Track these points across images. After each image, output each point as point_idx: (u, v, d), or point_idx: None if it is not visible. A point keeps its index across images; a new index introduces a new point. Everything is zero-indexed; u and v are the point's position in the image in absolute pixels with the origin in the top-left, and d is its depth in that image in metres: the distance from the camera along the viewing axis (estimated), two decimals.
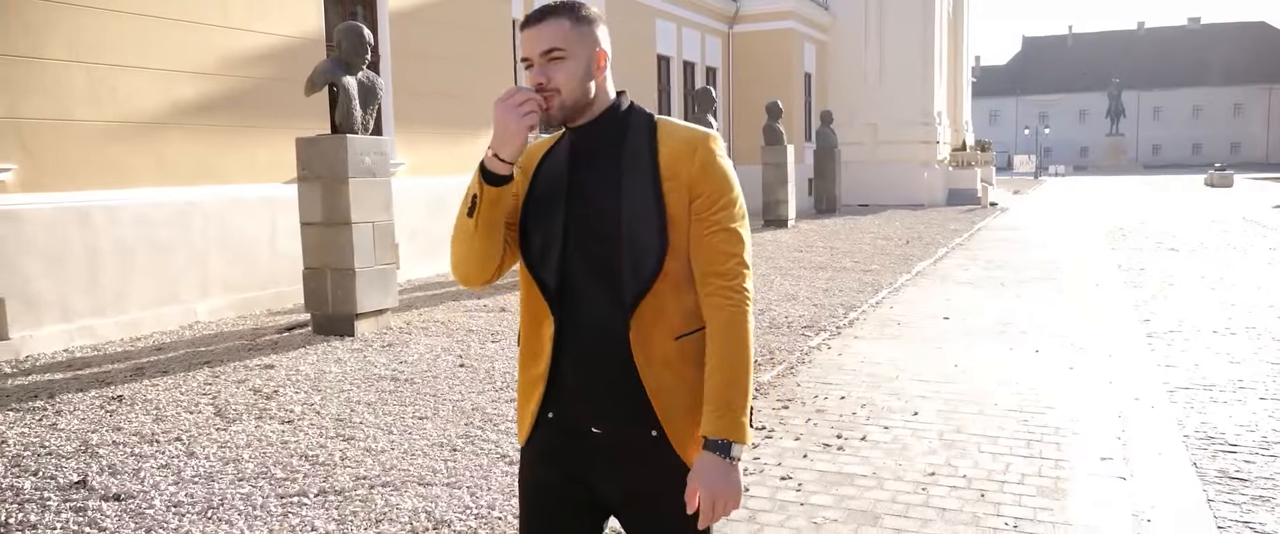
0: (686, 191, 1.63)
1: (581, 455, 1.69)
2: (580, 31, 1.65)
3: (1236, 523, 3.47)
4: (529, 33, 1.65)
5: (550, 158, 1.75)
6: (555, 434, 1.70)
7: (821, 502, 3.69)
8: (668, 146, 1.66)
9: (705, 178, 1.64)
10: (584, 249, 1.66)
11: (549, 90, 1.62)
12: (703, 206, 1.64)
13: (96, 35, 7.15)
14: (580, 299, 1.66)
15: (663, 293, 1.63)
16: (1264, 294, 8.96)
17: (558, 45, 1.62)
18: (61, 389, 5.58)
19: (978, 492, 3.78)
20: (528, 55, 1.65)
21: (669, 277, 1.63)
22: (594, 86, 1.67)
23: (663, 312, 1.64)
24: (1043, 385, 5.51)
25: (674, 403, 1.65)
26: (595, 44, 1.67)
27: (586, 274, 1.66)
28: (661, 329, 1.64)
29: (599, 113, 1.69)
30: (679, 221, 1.63)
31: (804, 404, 5.17)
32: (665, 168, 1.64)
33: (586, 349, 1.65)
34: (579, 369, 1.66)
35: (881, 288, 9.56)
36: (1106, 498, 3.69)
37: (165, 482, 3.95)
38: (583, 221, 1.66)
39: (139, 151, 7.55)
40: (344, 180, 7.02)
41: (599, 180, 1.67)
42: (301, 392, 5.43)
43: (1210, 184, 36.07)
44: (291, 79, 8.86)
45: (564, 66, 1.62)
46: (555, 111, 1.64)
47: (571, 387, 1.67)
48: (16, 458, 4.28)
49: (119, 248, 7.33)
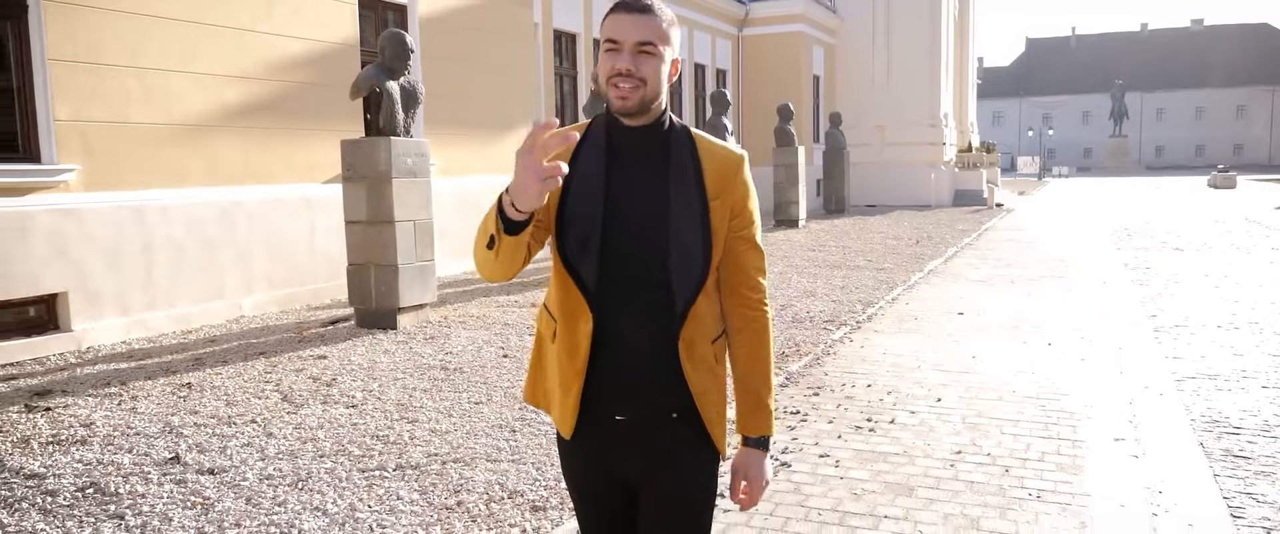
0: (728, 209, 1.73)
1: (609, 441, 1.78)
2: (669, 33, 1.71)
3: (1240, 494, 3.80)
4: (627, 19, 1.66)
5: (586, 151, 1.75)
6: (594, 424, 1.78)
7: (859, 476, 4.03)
8: (711, 164, 1.73)
9: (745, 199, 1.77)
10: (626, 251, 1.70)
11: (635, 79, 1.66)
12: (740, 225, 1.76)
13: (150, 42, 7.50)
14: (623, 301, 1.71)
15: (702, 303, 1.74)
16: (1266, 291, 9.28)
17: (653, 39, 1.66)
18: (129, 377, 5.92)
19: (1002, 467, 4.12)
20: (618, 39, 1.66)
21: (705, 287, 1.73)
22: (665, 90, 1.73)
23: (701, 320, 1.74)
24: (1057, 375, 5.84)
25: (710, 398, 1.77)
26: (676, 51, 1.75)
27: (628, 277, 1.70)
28: (702, 334, 1.75)
29: (655, 117, 1.74)
30: (719, 235, 1.73)
31: (833, 391, 5.51)
32: (711, 184, 1.72)
33: (630, 349, 1.72)
34: (620, 366, 1.72)
35: (896, 285, 9.89)
36: (1121, 473, 4.03)
37: (252, 458, 4.29)
38: (626, 224, 1.70)
39: (189, 153, 7.89)
40: (387, 180, 7.36)
41: (644, 186, 1.71)
42: (359, 380, 5.77)
43: (1213, 185, 36.34)
44: (327, 83, 9.22)
45: (652, 61, 1.66)
46: (634, 103, 1.67)
47: (609, 381, 1.73)
48: (108, 438, 4.62)
49: (171, 245, 7.67)
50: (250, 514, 3.62)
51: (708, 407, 1.76)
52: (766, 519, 3.55)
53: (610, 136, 1.74)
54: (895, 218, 20.10)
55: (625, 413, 1.74)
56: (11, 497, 3.82)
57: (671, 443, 1.76)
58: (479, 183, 11.14)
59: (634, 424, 1.75)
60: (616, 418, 1.74)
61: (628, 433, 1.76)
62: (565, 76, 16.33)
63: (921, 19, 25.11)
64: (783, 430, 4.72)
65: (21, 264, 6.58)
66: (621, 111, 1.68)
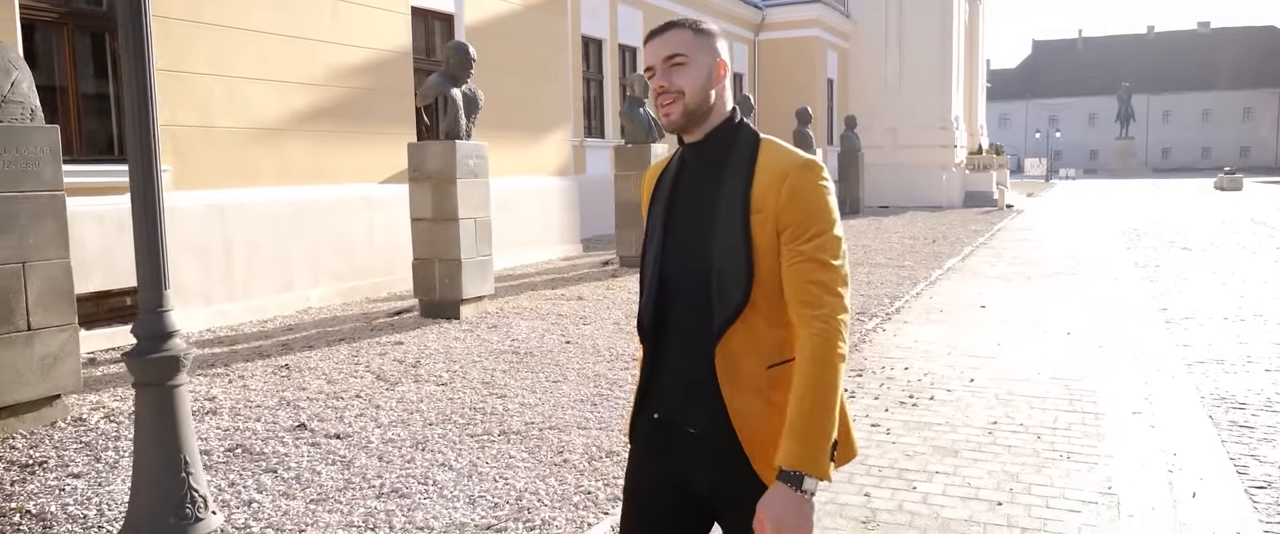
0: (774, 223, 1.64)
1: (671, 445, 1.77)
2: (701, 41, 1.71)
3: (1245, 456, 4.35)
4: (653, 43, 1.73)
5: (663, 180, 1.83)
6: (658, 430, 1.79)
7: (909, 441, 4.59)
8: (763, 176, 1.67)
9: (792, 208, 1.64)
10: (677, 274, 1.73)
11: (672, 92, 1.69)
12: (791, 237, 1.64)
13: (232, 51, 8.08)
14: (675, 323, 1.74)
15: (756, 323, 1.66)
16: (1270, 287, 9.82)
17: (680, 51, 1.69)
18: (228, 360, 6.50)
19: (1034, 434, 4.67)
20: (651, 63, 1.72)
21: (759, 307, 1.65)
22: (714, 95, 1.72)
23: (757, 342, 1.67)
24: (1077, 360, 6.39)
25: (758, 426, 1.67)
26: (716, 55, 1.73)
27: (680, 300, 1.73)
28: (753, 357, 1.67)
29: (714, 126, 1.73)
30: (766, 254, 1.65)
31: (875, 373, 6.06)
32: (756, 199, 1.66)
33: (678, 371, 1.74)
34: (673, 385, 1.75)
35: (918, 281, 10.44)
36: (1139, 439, 4.58)
37: (369, 425, 4.86)
38: (678, 249, 1.73)
39: (264, 154, 8.47)
40: (452, 181, 7.93)
41: (698, 200, 1.73)
42: (440, 362, 6.34)
43: (1220, 187, 36.79)
44: (384, 89, 9.81)
45: (685, 71, 1.69)
46: (677, 116, 1.70)
47: (668, 397, 1.77)
48: (234, 410, 5.19)
49: (247, 241, 8.25)
50: (386, 469, 4.18)
51: (750, 433, 1.67)
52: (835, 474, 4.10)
53: (683, 157, 1.80)
54: (909, 218, 20.63)
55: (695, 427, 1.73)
56: None
57: (729, 465, 1.71)
58: (518, 184, 11.73)
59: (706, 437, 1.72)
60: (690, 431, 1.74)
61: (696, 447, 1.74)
62: (592, 81, 16.91)
63: (932, 23, 25.65)
64: None
65: (123, 257, 7.15)
66: (669, 127, 1.72)
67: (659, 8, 18.71)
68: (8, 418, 4.68)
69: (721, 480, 1.72)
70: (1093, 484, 3.97)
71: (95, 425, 4.87)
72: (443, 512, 3.68)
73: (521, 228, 11.96)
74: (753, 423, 1.66)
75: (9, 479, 4.07)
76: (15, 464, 4.26)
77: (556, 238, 12.98)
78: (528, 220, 12.19)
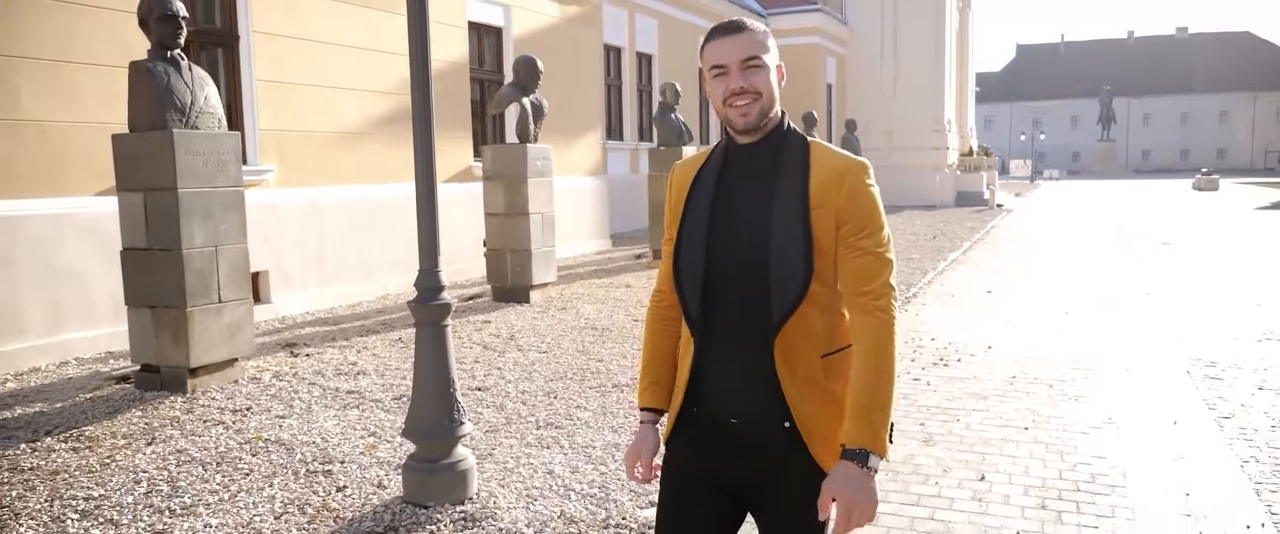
0: (834, 219, 1.70)
1: (719, 445, 1.79)
2: (768, 44, 1.77)
3: (1215, 398, 5.44)
4: (726, 42, 1.74)
5: (703, 177, 1.84)
6: (697, 425, 1.82)
7: (948, 390, 5.65)
8: (819, 174, 1.73)
9: (852, 206, 1.71)
10: (729, 268, 1.75)
11: (751, 93, 1.73)
12: (850, 233, 1.71)
13: (323, 63, 9.06)
14: (727, 317, 1.76)
15: (809, 314, 1.71)
16: (1241, 272, 10.97)
17: (757, 53, 1.73)
18: (342, 336, 7.48)
19: (1046, 384, 5.75)
20: (724, 62, 1.74)
21: (815, 299, 1.71)
22: (778, 98, 1.78)
23: (810, 331, 1.72)
24: (1076, 331, 7.48)
25: (815, 414, 1.73)
26: (777, 59, 1.79)
27: (731, 293, 1.75)
28: (808, 347, 1.72)
29: (768, 130, 1.79)
30: (825, 248, 1.71)
31: (908, 343, 7.13)
32: (815, 195, 1.71)
33: (730, 362, 1.76)
34: (722, 377, 1.77)
35: (928, 271, 11.53)
36: (1131, 388, 5.66)
37: (500, 382, 5.87)
38: (729, 242, 1.75)
39: (348, 155, 9.45)
40: (524, 179, 8.94)
41: (750, 203, 1.75)
42: (532, 336, 7.35)
43: (1197, 188, 38.21)
44: (446, 95, 10.78)
45: (761, 73, 1.73)
46: (754, 116, 1.74)
47: (714, 389, 1.78)
48: (378, 371, 6.18)
49: (336, 233, 9.23)
50: (533, 411, 5.19)
51: (808, 420, 1.73)
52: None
53: (727, 157, 1.83)
54: (907, 217, 21.76)
55: (738, 417, 1.77)
56: (354, 401, 5.39)
57: (785, 457, 1.75)
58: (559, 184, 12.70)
59: (744, 430, 1.76)
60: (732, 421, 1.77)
61: (741, 440, 1.77)
62: (612, 86, 17.94)
63: (926, 30, 26.84)
64: None
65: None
66: (746, 128, 1.75)
67: (672, 17, 19.77)
68: (202, 376, 5.66)
69: (769, 469, 1.76)
70: (1097, 416, 5.04)
71: (268, 383, 5.86)
72: (595, 436, 4.70)
73: (561, 224, 12.96)
74: (810, 411, 1.72)
75: (231, 420, 5.06)
76: (227, 409, 5.25)
77: (588, 233, 14.00)
78: (566, 217, 13.19)
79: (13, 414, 5.22)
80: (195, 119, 5.58)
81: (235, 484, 4.05)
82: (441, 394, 3.71)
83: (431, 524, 3.54)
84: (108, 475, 4.17)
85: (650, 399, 1.94)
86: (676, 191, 1.89)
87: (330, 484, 4.04)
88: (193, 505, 3.81)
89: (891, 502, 3.82)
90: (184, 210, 5.45)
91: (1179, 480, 4.04)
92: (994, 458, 4.36)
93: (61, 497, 3.92)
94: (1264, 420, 4.98)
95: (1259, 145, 77.96)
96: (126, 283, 5.68)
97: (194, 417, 5.09)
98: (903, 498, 3.86)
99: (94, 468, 4.28)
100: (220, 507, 3.80)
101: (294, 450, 4.51)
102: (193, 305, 5.51)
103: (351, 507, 3.77)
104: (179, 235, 5.44)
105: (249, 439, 4.70)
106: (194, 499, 3.87)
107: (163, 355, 5.57)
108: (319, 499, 3.86)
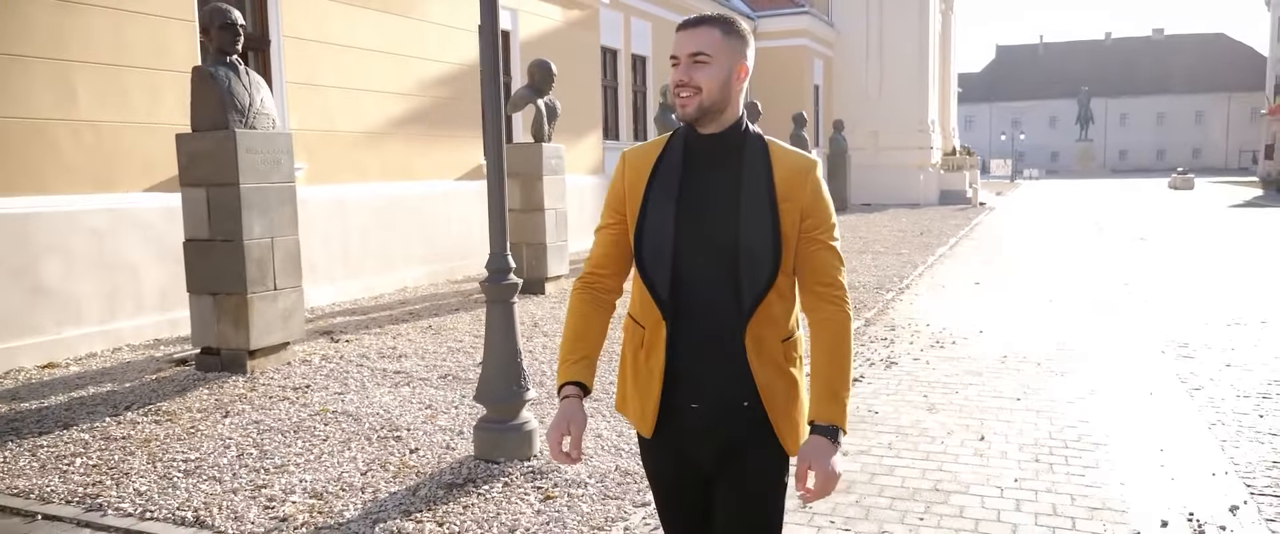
0: (799, 213, 1.80)
1: (691, 429, 1.86)
2: (729, 42, 1.80)
3: (1187, 372, 6.00)
4: (683, 34, 1.81)
5: (664, 163, 1.87)
6: (671, 420, 1.88)
7: (945, 368, 6.19)
8: (781, 169, 1.81)
9: (815, 201, 1.82)
10: (697, 256, 1.80)
11: (691, 87, 1.78)
12: (812, 226, 1.82)
13: (347, 66, 9.50)
14: (694, 303, 1.81)
15: (773, 301, 1.81)
16: (1211, 265, 11.61)
17: (705, 50, 1.78)
18: (375, 324, 7.94)
19: (1034, 363, 6.30)
20: (676, 54, 1.81)
21: (778, 287, 1.80)
22: (731, 96, 1.82)
23: (773, 318, 1.82)
24: (1059, 317, 8.05)
25: (776, 394, 1.84)
26: (740, 58, 1.82)
27: (700, 281, 1.80)
28: (772, 332, 1.82)
29: (727, 125, 1.84)
30: (789, 239, 1.80)
31: (904, 328, 7.67)
32: (781, 188, 1.79)
33: (702, 349, 1.82)
34: (694, 364, 1.83)
35: (918, 265, 12.10)
36: (1111, 365, 6.21)
37: (537, 363, 6.33)
38: (697, 230, 1.80)
39: (369, 154, 9.90)
40: (539, 177, 9.42)
41: (717, 193, 1.81)
42: (554, 323, 7.83)
43: (1173, 187, 39.16)
44: (457, 98, 11.25)
45: (706, 69, 1.78)
46: (691, 110, 1.79)
47: (686, 378, 1.84)
48: (418, 354, 6.65)
49: (359, 228, 9.67)
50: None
51: (772, 400, 1.83)
52: (895, 387, 5.68)
53: (687, 147, 1.87)
54: (893, 215, 22.39)
55: (698, 403, 1.84)
56: (402, 379, 5.86)
57: (742, 433, 1.83)
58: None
59: (706, 415, 1.83)
60: (691, 406, 1.84)
61: (701, 423, 1.84)
62: (608, 88, 18.42)
63: (910, 33, 27.50)
64: (881, 347, 6.87)
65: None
66: (683, 118, 1.82)
67: (666, 20, 20.27)
68: (260, 358, 6.11)
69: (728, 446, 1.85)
70: (1081, 389, 5.59)
71: (319, 365, 6.31)
72: None
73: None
74: (774, 392, 1.83)
75: (294, 396, 5.52)
76: (288, 387, 5.71)
77: (590, 229, 14.47)
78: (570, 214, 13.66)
79: (88, 393, 5.65)
80: (253, 119, 6.03)
81: (316, 448, 4.52)
82: (510, 363, 4.19)
83: (504, 477, 4.03)
84: (197, 443, 4.63)
85: (578, 373, 1.91)
86: (633, 176, 1.90)
87: (403, 447, 4.52)
88: (283, 465, 4.28)
89: (904, 457, 4.34)
90: (245, 204, 5.90)
91: (1154, 439, 4.58)
92: (991, 423, 4.90)
93: (161, 460, 4.38)
94: (1230, 391, 5.55)
95: (1233, 145, 79.45)
96: (189, 271, 6.12)
97: (258, 394, 5.55)
98: (914, 455, 4.38)
99: (182, 436, 4.74)
100: (309, 466, 4.27)
101: (361, 420, 4.98)
102: (252, 292, 5.96)
103: (428, 464, 4.25)
104: (240, 227, 5.89)
105: (316, 412, 5.16)
106: (283, 461, 4.34)
107: (224, 339, 6.01)
108: (397, 459, 4.33)
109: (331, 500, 3.83)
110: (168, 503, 3.83)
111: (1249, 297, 9.27)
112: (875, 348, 6.89)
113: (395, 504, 3.76)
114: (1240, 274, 11.07)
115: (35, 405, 5.36)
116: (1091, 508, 3.68)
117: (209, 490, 3.97)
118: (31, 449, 4.56)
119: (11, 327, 6.35)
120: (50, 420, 5.05)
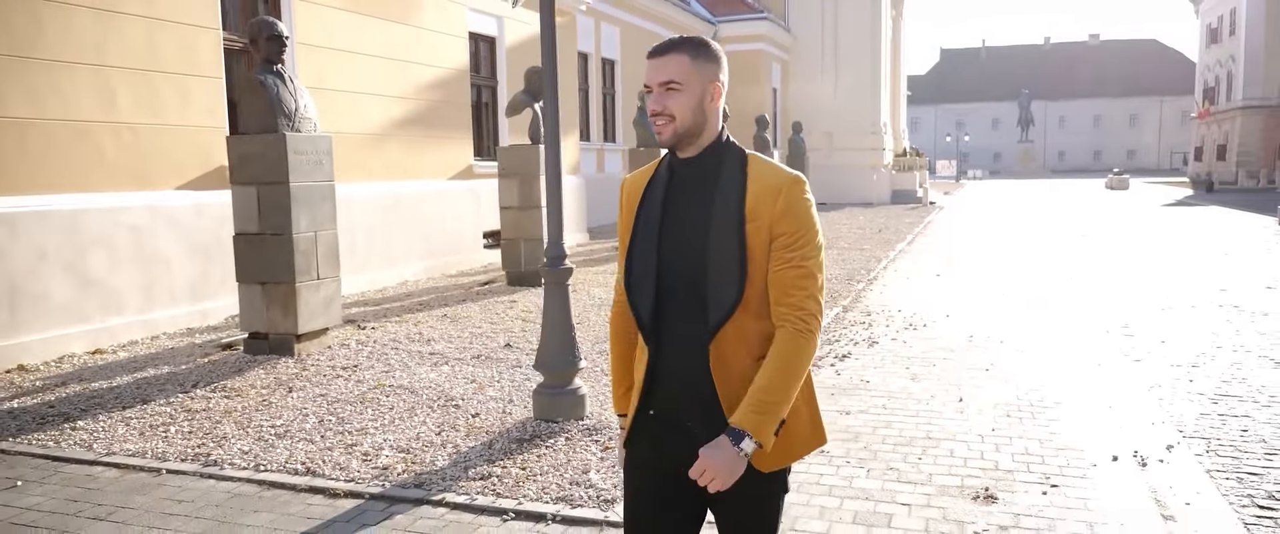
0: (767, 231, 1.81)
1: (678, 443, 1.89)
2: (698, 66, 1.84)
3: (1126, 347, 6.90)
4: (653, 63, 1.86)
5: (651, 190, 1.94)
6: (655, 425, 1.93)
7: (920, 347, 6.99)
8: (755, 187, 1.83)
9: (785, 219, 1.81)
10: (674, 279, 1.86)
11: (665, 116, 1.84)
12: (781, 246, 1.81)
13: (353, 71, 10.03)
14: (671, 323, 1.87)
15: (744, 320, 1.83)
16: (1146, 259, 12.70)
17: (675, 78, 1.83)
18: (393, 313, 8.51)
19: (999, 340, 7.14)
20: (649, 83, 1.86)
21: (749, 306, 1.82)
22: (707, 115, 1.86)
23: (745, 336, 1.84)
24: (1016, 304, 8.95)
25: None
26: (713, 78, 1.85)
27: (676, 301, 1.86)
28: (742, 351, 1.84)
29: (705, 145, 1.89)
30: (758, 258, 1.81)
31: (879, 314, 8.49)
32: (750, 209, 1.81)
33: (676, 366, 1.87)
34: (672, 381, 1.89)
35: (881, 259, 12.99)
36: (1062, 342, 7.08)
37: None
38: (674, 253, 1.86)
39: (371, 154, 10.43)
40: (535, 177, 10.06)
41: (691, 218, 1.86)
42: None
43: (1110, 187, 41.06)
44: (449, 101, 11.82)
45: (678, 97, 1.83)
46: (668, 137, 1.85)
47: (667, 392, 1.90)
48: (446, 339, 7.25)
49: (363, 225, 10.20)
50: (593, 365, 6.35)
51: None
52: (880, 361, 6.46)
53: (671, 169, 1.92)
54: (849, 213, 23.39)
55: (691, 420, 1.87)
56: (439, 359, 6.47)
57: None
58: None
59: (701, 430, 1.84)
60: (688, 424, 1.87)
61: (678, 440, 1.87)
62: (581, 90, 19.07)
63: (863, 38, 28.62)
64: (862, 329, 7.65)
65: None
66: (661, 144, 1.86)
67: (632, 25, 20.98)
68: (305, 342, 6.67)
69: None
70: (1040, 360, 6.43)
71: (356, 348, 6.89)
72: None
73: None
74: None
75: (346, 374, 6.10)
76: (337, 367, 6.29)
77: (571, 227, 15.09)
78: None
79: (149, 374, 6.17)
80: (298, 123, 6.59)
81: (386, 415, 5.13)
82: (565, 336, 4.86)
83: (563, 433, 4.69)
84: (275, 413, 5.21)
85: (627, 406, 2.04)
86: (628, 203, 1.98)
87: (463, 413, 5.15)
88: (363, 429, 4.89)
89: (897, 415, 5.11)
90: (294, 201, 6.46)
91: (1103, 398, 5.42)
92: (967, 388, 5.69)
93: (248, 427, 4.95)
94: (1165, 362, 6.45)
95: (1165, 147, 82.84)
96: (238, 263, 6.65)
97: (311, 373, 6.12)
98: (905, 413, 5.15)
99: (258, 408, 5.31)
100: (386, 429, 4.88)
101: (418, 393, 5.59)
102: (299, 281, 6.52)
103: (493, 425, 4.89)
104: (289, 221, 6.45)
105: (374, 386, 5.76)
106: (361, 425, 4.95)
107: (272, 324, 6.56)
108: (464, 422, 4.97)
109: (419, 454, 4.46)
110: (275, 458, 4.42)
111: (1180, 285, 10.29)
112: (856, 330, 7.68)
113: (477, 455, 4.41)
114: (1172, 266, 12.15)
115: (105, 385, 5.86)
116: (1057, 448, 4.47)
117: (306, 449, 4.57)
118: (123, 420, 5.09)
119: (65, 315, 6.82)
120: (127, 397, 5.57)
